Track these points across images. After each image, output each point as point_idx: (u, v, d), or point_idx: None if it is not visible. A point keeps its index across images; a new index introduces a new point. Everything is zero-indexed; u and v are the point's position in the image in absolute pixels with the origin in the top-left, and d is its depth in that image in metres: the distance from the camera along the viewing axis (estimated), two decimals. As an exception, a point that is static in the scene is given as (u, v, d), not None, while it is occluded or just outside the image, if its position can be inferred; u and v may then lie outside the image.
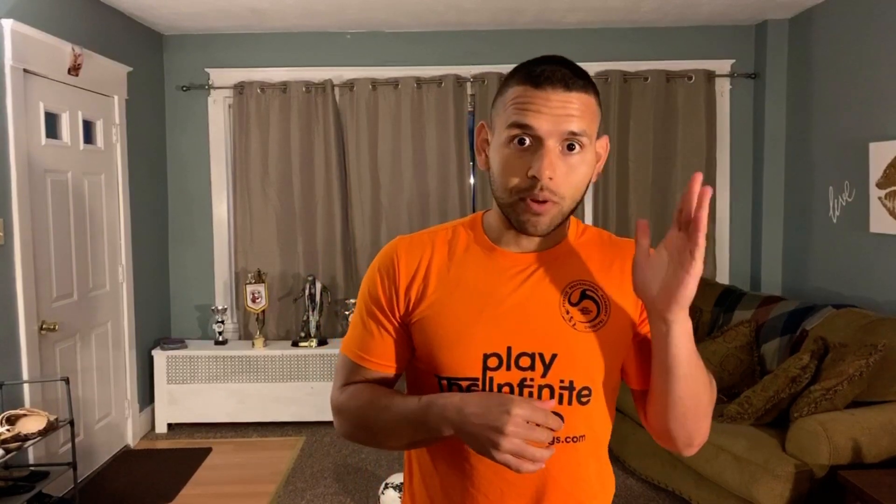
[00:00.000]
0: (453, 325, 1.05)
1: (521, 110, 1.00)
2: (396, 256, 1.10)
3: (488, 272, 1.07)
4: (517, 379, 1.03)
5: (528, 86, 1.02)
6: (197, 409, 4.47)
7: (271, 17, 4.40)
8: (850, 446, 2.64)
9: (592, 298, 1.07)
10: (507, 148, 1.02)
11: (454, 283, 1.07)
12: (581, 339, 1.05)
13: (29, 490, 2.80)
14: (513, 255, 1.09)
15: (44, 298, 3.39)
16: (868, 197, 3.68)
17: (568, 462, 1.07)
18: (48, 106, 3.46)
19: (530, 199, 1.00)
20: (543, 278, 1.07)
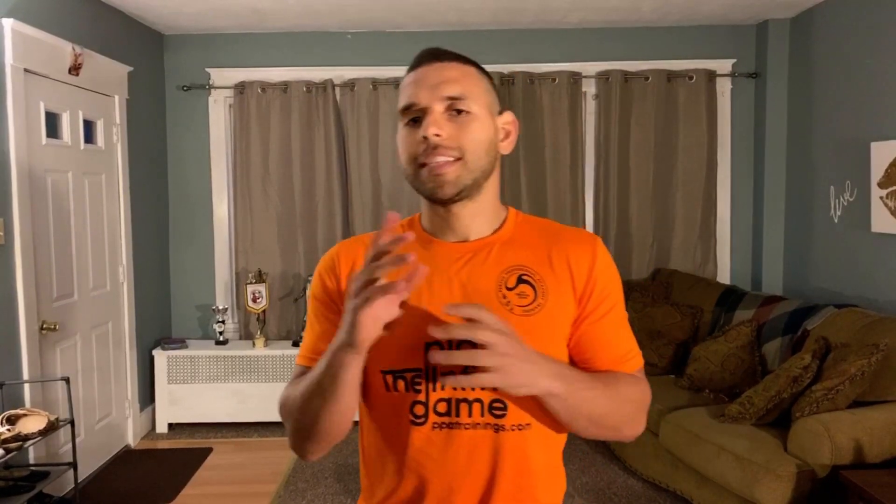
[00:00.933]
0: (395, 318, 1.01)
1: (406, 93, 1.07)
2: (337, 256, 1.13)
3: (426, 263, 0.99)
4: (460, 368, 0.98)
5: (409, 71, 1.10)
6: (197, 409, 4.46)
7: (272, 17, 4.40)
8: (852, 446, 2.63)
9: (529, 283, 1.06)
10: (404, 129, 1.07)
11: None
12: (519, 323, 1.01)
13: (29, 490, 2.80)
14: (450, 245, 1.10)
15: (44, 298, 3.39)
16: (869, 196, 3.67)
17: (515, 450, 1.05)
18: (49, 105, 3.46)
19: (426, 160, 1.03)
20: (481, 265, 1.08)
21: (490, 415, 1.03)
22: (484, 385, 0.90)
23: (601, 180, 4.80)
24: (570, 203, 4.77)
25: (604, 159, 4.78)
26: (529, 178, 4.77)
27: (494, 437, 1.03)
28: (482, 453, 1.04)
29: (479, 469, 1.04)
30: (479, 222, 1.10)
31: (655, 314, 4.24)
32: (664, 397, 3.51)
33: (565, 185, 4.76)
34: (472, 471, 1.04)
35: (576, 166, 4.77)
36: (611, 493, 3.50)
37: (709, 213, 4.80)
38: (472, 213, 1.09)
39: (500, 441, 1.02)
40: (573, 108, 4.73)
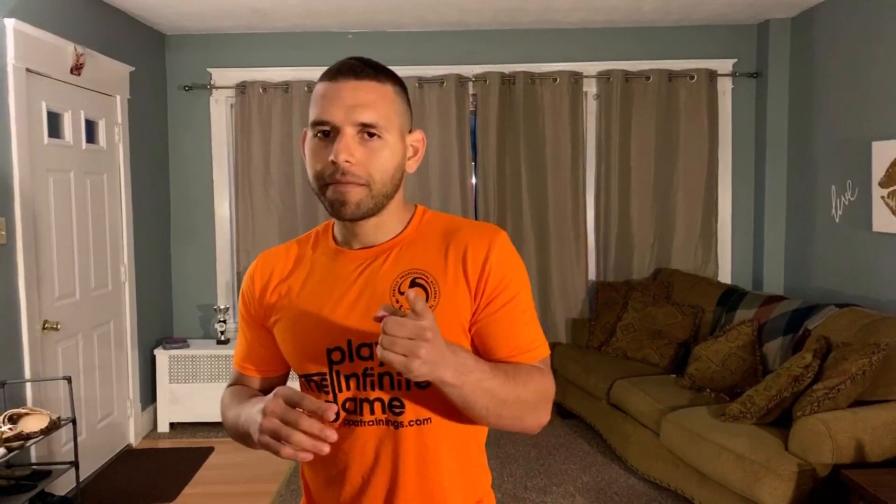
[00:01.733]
0: (300, 326, 1.12)
1: (320, 107, 1.07)
2: (252, 272, 1.21)
3: (330, 273, 1.13)
4: (360, 369, 1.08)
5: (325, 81, 1.09)
6: (199, 408, 4.46)
7: (273, 17, 4.40)
8: (853, 445, 2.63)
9: (422, 285, 1.09)
10: (314, 140, 1.09)
11: (300, 289, 1.14)
12: None
13: (31, 489, 2.80)
14: (353, 254, 1.14)
15: (46, 298, 3.40)
16: (870, 196, 3.67)
17: (416, 445, 1.10)
18: (50, 105, 3.47)
19: (332, 182, 1.05)
20: (378, 271, 1.11)
21: (390, 412, 1.09)
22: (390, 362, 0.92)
23: (602, 180, 4.81)
24: (571, 203, 4.77)
25: (605, 159, 4.78)
26: (530, 178, 4.77)
27: (394, 433, 1.09)
28: (385, 448, 1.10)
29: (384, 463, 1.10)
30: (382, 231, 1.14)
31: (656, 314, 4.25)
32: (665, 397, 3.51)
33: (566, 185, 4.76)
34: (379, 464, 1.11)
35: (577, 166, 4.77)
36: (612, 492, 3.50)
37: (710, 213, 4.80)
38: (375, 225, 1.13)
39: (400, 437, 1.09)
40: (574, 107, 4.73)
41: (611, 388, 3.88)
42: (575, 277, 4.82)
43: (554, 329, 4.83)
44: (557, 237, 4.79)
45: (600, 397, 3.97)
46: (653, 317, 4.25)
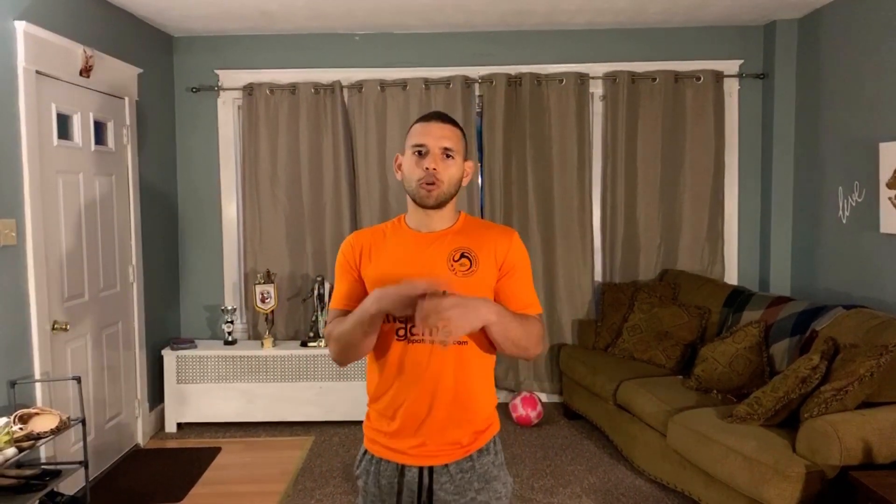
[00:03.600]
0: (386, 276, 1.65)
1: (419, 136, 1.72)
2: (351, 241, 1.79)
3: (406, 245, 1.74)
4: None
5: (422, 122, 1.75)
6: (206, 408, 4.49)
7: (280, 19, 4.42)
8: (861, 447, 2.63)
9: (468, 257, 1.71)
10: (413, 157, 1.72)
11: (382, 251, 1.74)
12: (460, 281, 1.66)
13: (41, 488, 2.82)
14: (421, 234, 1.75)
15: (55, 298, 3.42)
16: (878, 197, 3.67)
17: (455, 360, 1.66)
18: (60, 107, 3.49)
19: (425, 182, 1.69)
20: (439, 246, 1.72)
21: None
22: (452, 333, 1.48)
23: (608, 181, 4.81)
24: (578, 204, 4.78)
25: (611, 160, 4.78)
26: (537, 179, 4.77)
27: (441, 350, 1.64)
28: (434, 359, 1.66)
29: (432, 369, 1.66)
30: (441, 222, 1.76)
31: (663, 315, 4.24)
32: (672, 398, 3.51)
33: (572, 186, 4.77)
34: (428, 370, 1.66)
35: (583, 167, 4.77)
36: (618, 493, 3.50)
37: (716, 214, 4.79)
38: (440, 216, 1.75)
39: (445, 353, 1.65)
40: (580, 109, 4.74)
41: (617, 389, 3.88)
42: (581, 278, 4.82)
43: (560, 330, 4.84)
44: (564, 238, 4.79)
45: (607, 398, 3.97)
46: (659, 318, 4.25)
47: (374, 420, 1.76)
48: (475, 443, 1.70)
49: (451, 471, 1.68)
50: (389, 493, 1.71)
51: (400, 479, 1.70)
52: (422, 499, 1.68)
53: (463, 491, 1.68)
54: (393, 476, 1.71)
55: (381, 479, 1.72)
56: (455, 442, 1.68)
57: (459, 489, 1.68)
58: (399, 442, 1.69)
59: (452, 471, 1.68)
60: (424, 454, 1.68)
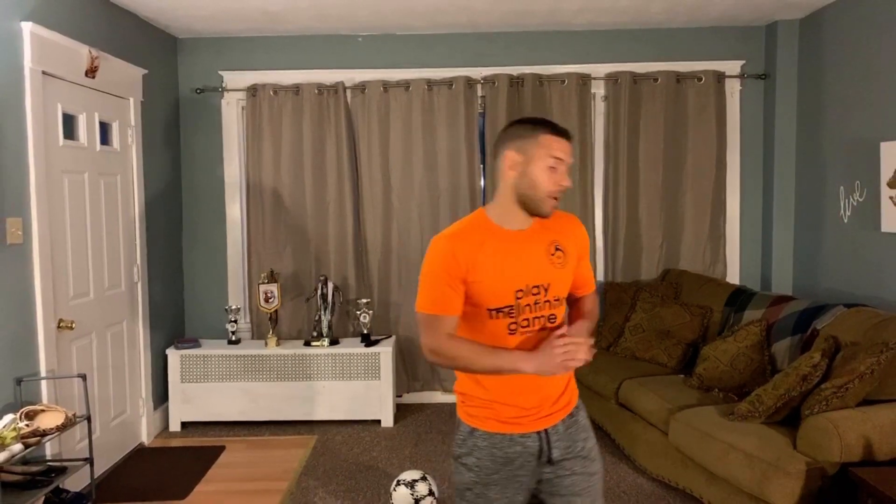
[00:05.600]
0: (494, 277, 1.77)
1: (559, 149, 1.78)
2: (452, 249, 1.78)
3: (508, 243, 1.81)
4: (532, 300, 1.81)
5: (559, 137, 1.79)
6: (210, 407, 4.51)
7: (284, 20, 4.45)
8: (862, 444, 2.64)
9: (560, 249, 1.86)
10: (548, 169, 1.77)
11: (487, 255, 1.78)
12: (559, 272, 1.84)
13: (47, 484, 2.84)
14: (514, 232, 1.83)
15: (61, 297, 3.44)
16: (879, 196, 3.68)
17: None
18: (66, 107, 3.52)
19: (554, 197, 1.80)
20: (536, 241, 1.84)
21: (547, 322, 1.84)
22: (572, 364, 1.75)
23: (610, 181, 4.82)
24: (580, 203, 4.79)
25: (613, 160, 4.80)
26: (539, 179, 4.78)
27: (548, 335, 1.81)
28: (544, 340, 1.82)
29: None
30: (528, 219, 1.85)
31: (665, 314, 4.26)
32: (673, 397, 3.52)
33: (574, 187, 4.78)
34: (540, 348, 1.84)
35: (585, 167, 4.79)
36: (620, 491, 3.51)
37: (718, 214, 4.81)
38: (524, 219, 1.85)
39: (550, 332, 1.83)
40: (582, 109, 4.76)
41: (619, 388, 3.89)
42: (583, 278, 4.83)
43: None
44: (566, 238, 4.80)
45: (609, 397, 3.98)
46: (661, 317, 4.26)
47: (484, 399, 1.85)
48: (571, 401, 1.93)
49: (559, 429, 1.86)
50: (506, 462, 1.83)
51: (516, 447, 1.84)
52: (542, 458, 1.85)
53: (573, 443, 1.88)
54: (510, 445, 1.83)
55: (495, 451, 1.83)
56: (562, 404, 1.89)
57: (570, 442, 1.87)
58: (516, 412, 1.83)
59: (560, 428, 1.86)
60: (540, 419, 1.84)
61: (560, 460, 1.85)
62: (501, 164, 1.81)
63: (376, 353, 4.51)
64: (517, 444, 1.83)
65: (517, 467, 1.84)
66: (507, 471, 1.83)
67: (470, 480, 1.86)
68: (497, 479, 1.83)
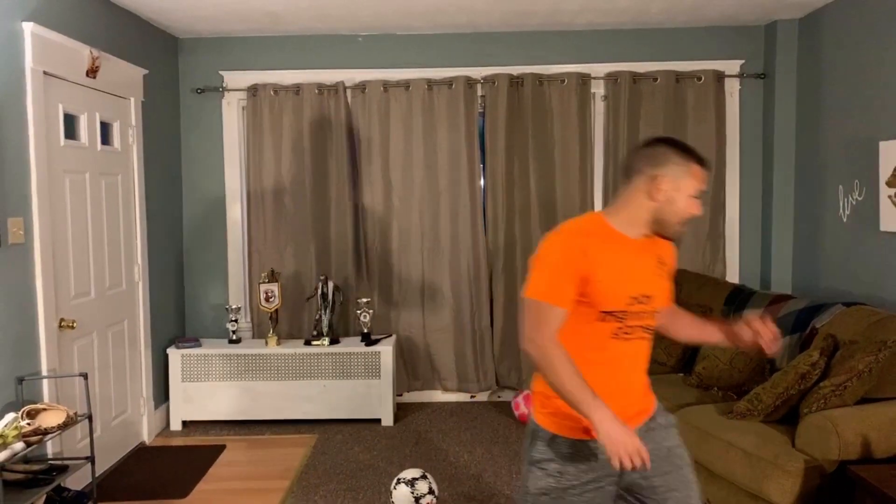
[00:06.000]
0: (615, 280, 1.80)
1: (703, 181, 1.85)
2: (579, 244, 1.80)
3: (626, 250, 1.85)
4: (640, 308, 1.85)
5: (705, 169, 1.86)
6: (211, 406, 4.52)
7: (285, 21, 4.46)
8: (860, 442, 2.65)
9: (663, 263, 1.93)
10: (691, 198, 1.83)
11: (611, 257, 1.81)
12: (662, 284, 1.92)
13: (49, 482, 2.85)
14: (633, 240, 1.87)
15: (62, 296, 3.46)
16: (878, 196, 3.69)
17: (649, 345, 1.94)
18: (67, 107, 3.53)
19: (685, 222, 1.86)
20: (648, 252, 1.89)
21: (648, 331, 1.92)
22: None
23: (610, 181, 4.83)
24: (580, 204, 4.80)
25: (612, 160, 4.81)
26: (539, 179, 4.80)
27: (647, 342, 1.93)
28: (641, 348, 1.92)
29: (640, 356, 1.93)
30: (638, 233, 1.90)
31: (664, 313, 4.26)
32: (673, 395, 3.53)
33: (574, 186, 4.80)
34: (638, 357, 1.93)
35: (585, 167, 4.80)
36: (620, 490, 3.52)
37: (717, 213, 4.81)
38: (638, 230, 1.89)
39: (647, 343, 1.93)
40: (582, 109, 4.77)
41: (619, 386, 3.90)
42: (583, 277, 4.84)
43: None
44: (566, 237, 4.81)
45: (608, 396, 3.98)
46: (661, 316, 4.26)
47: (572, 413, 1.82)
48: (650, 406, 1.97)
49: (640, 433, 1.83)
50: (588, 469, 1.85)
51: (598, 454, 1.83)
52: None
53: (657, 444, 1.89)
54: (591, 452, 1.85)
55: (577, 457, 1.85)
56: (642, 408, 1.94)
57: (654, 444, 1.86)
58: None
59: (642, 431, 1.86)
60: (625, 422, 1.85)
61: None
62: (645, 185, 1.82)
63: (377, 353, 4.53)
64: (600, 451, 1.81)
65: (598, 474, 1.85)
66: (588, 477, 1.85)
67: (548, 486, 1.86)
68: (576, 485, 1.85)
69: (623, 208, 1.86)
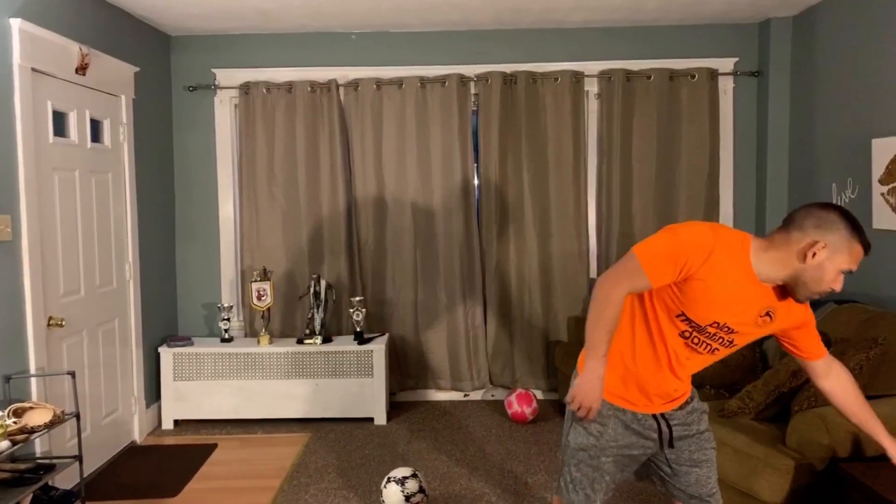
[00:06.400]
0: (709, 299, 1.85)
1: (856, 263, 1.80)
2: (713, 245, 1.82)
3: (741, 281, 1.85)
4: (715, 331, 1.92)
5: (864, 253, 1.80)
6: (203, 405, 4.50)
7: (277, 18, 4.44)
8: (850, 439, 2.64)
9: (770, 316, 1.92)
10: (839, 274, 1.80)
11: (724, 277, 1.83)
12: (754, 330, 1.94)
13: (35, 481, 2.84)
14: (754, 280, 1.86)
15: (51, 294, 3.44)
16: (871, 193, 3.68)
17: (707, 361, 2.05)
18: (56, 104, 3.51)
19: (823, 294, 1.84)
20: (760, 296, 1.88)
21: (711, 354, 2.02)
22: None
23: (604, 179, 4.82)
24: (573, 201, 4.79)
25: (606, 158, 4.79)
26: (532, 177, 4.79)
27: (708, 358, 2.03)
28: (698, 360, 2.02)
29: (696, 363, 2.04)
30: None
31: (657, 311, 4.25)
32: (665, 393, 3.51)
33: (568, 184, 4.78)
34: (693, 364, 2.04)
35: (578, 165, 4.79)
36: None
37: (711, 211, 4.80)
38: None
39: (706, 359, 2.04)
40: (576, 107, 4.75)
41: (611, 385, 3.88)
42: (577, 276, 4.84)
43: (555, 327, 4.85)
44: (559, 236, 4.81)
45: (601, 394, 3.97)
46: (654, 314, 4.25)
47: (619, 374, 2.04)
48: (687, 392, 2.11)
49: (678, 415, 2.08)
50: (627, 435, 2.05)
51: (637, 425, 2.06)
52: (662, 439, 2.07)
53: (690, 425, 2.09)
54: (632, 421, 2.05)
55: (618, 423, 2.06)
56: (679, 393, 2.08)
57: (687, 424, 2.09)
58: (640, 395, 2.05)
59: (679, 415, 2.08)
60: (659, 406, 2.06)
61: (679, 439, 2.07)
62: (803, 246, 1.80)
63: (369, 351, 4.51)
64: (639, 423, 2.04)
65: (634, 443, 2.05)
66: (624, 441, 2.04)
67: (588, 444, 2.05)
68: (612, 447, 2.03)
69: (771, 252, 1.85)
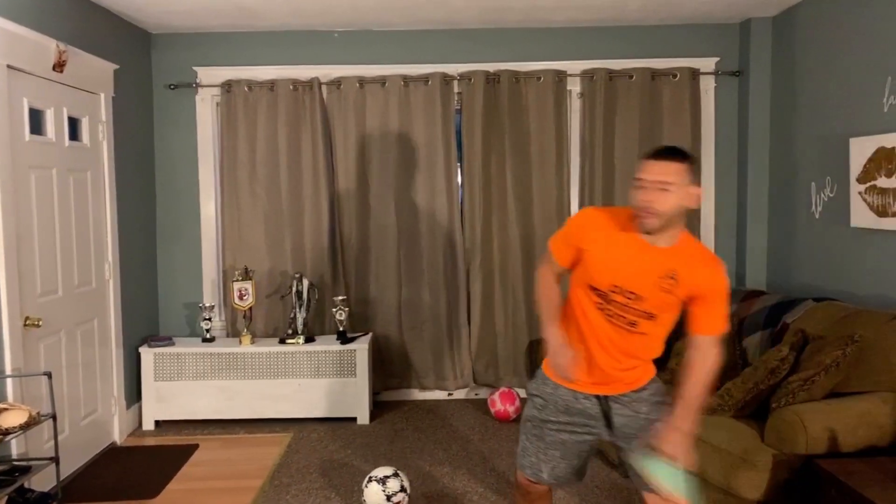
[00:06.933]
0: (599, 263, 2.10)
1: (640, 171, 2.00)
2: (590, 218, 2.15)
3: (632, 248, 2.07)
4: (623, 300, 2.09)
5: (649, 160, 2.01)
6: (184, 406, 4.47)
7: (260, 16, 4.42)
8: (827, 436, 2.66)
9: (674, 278, 2.05)
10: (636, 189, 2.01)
11: (607, 242, 2.09)
12: (660, 295, 2.06)
13: (10, 483, 2.80)
14: (646, 244, 2.07)
15: (28, 294, 3.40)
16: (849, 192, 3.71)
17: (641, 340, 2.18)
18: (32, 102, 3.47)
19: (642, 211, 2.00)
20: (656, 259, 2.05)
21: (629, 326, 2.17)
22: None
23: (586, 177, 4.83)
24: (556, 200, 4.80)
25: (589, 157, 4.80)
26: (515, 176, 4.79)
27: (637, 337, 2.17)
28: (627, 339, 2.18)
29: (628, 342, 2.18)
30: (664, 240, 2.07)
31: (639, 310, 4.27)
32: (646, 391, 3.53)
33: (551, 183, 4.79)
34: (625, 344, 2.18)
35: (561, 164, 4.80)
36: (593, 486, 3.52)
37: (693, 211, 4.82)
38: (662, 235, 2.05)
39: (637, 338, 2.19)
40: (558, 106, 4.76)
41: (593, 383, 3.90)
42: (560, 275, 4.84)
43: (539, 325, 4.86)
44: (542, 234, 4.81)
45: (583, 393, 3.98)
46: (636, 313, 4.27)
47: None
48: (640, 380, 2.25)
49: (622, 399, 2.23)
50: (566, 410, 2.26)
51: (576, 403, 2.26)
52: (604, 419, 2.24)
53: (636, 413, 2.22)
54: (571, 399, 2.25)
55: (557, 399, 2.27)
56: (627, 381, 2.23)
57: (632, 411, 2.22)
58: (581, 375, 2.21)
59: (624, 399, 2.23)
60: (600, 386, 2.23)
61: (623, 425, 2.21)
62: None
63: (352, 351, 4.50)
64: (578, 401, 2.24)
65: (573, 418, 2.24)
66: (565, 417, 2.25)
67: (532, 415, 2.30)
68: (553, 421, 2.25)
69: None
